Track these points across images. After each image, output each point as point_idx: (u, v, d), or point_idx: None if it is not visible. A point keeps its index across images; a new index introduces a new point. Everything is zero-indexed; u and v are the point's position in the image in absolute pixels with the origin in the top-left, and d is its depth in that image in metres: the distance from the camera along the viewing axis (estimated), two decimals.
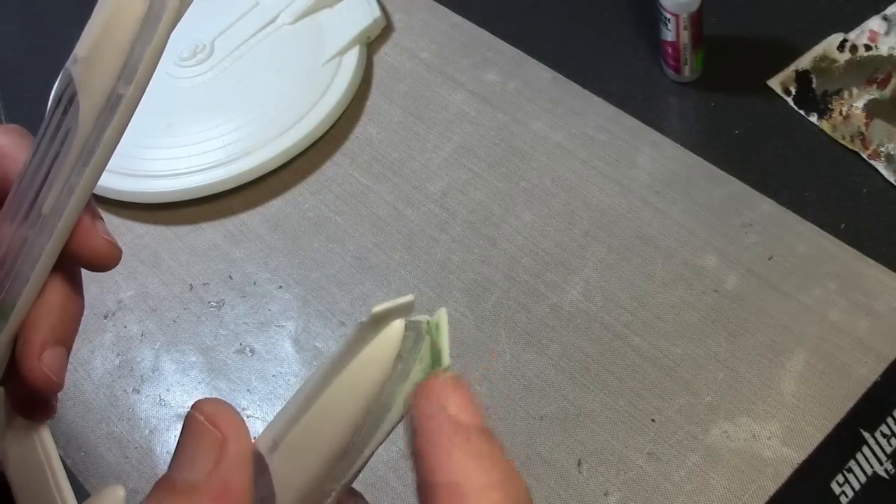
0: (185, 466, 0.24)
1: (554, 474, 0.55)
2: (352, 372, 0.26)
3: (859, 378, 0.56)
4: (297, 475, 0.26)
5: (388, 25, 0.81)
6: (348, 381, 0.26)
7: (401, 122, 0.74)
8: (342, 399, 0.26)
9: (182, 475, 0.24)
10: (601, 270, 0.63)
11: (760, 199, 0.64)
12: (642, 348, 0.59)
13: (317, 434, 0.26)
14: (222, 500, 0.24)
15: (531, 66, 0.75)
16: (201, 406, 0.25)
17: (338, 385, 0.26)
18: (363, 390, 0.26)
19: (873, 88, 0.68)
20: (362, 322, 0.26)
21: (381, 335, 0.26)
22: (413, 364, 0.26)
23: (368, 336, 0.26)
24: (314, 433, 0.26)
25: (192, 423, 0.25)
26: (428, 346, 0.27)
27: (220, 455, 0.24)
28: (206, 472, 0.24)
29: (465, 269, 0.65)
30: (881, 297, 0.59)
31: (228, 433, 0.25)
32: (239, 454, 0.25)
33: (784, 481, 0.53)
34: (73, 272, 0.31)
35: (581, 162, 0.69)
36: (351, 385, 0.26)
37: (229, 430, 0.25)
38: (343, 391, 0.26)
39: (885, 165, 0.65)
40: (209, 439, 0.25)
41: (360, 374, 0.26)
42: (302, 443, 0.26)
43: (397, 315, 0.26)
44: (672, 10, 0.67)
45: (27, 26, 0.91)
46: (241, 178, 0.72)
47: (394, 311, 0.26)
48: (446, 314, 0.27)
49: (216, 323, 0.66)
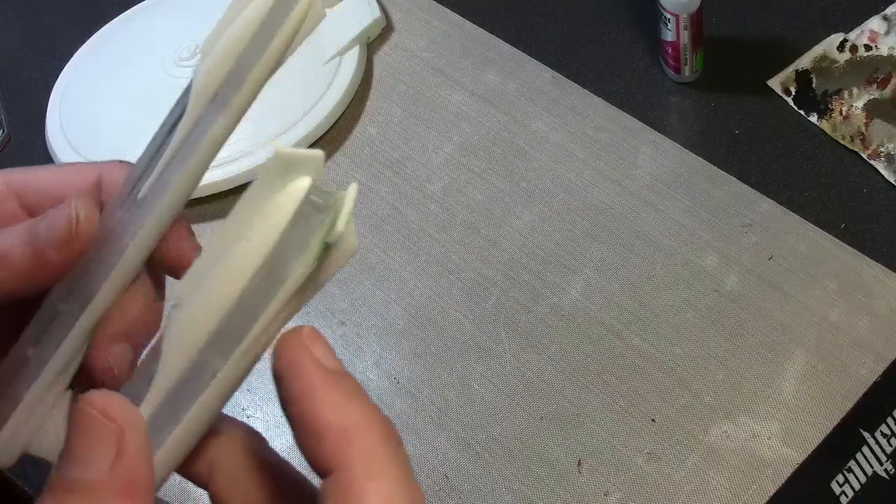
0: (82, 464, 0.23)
1: (554, 474, 0.55)
2: (250, 224, 0.25)
3: (859, 378, 0.56)
4: (184, 339, 0.25)
5: (388, 25, 0.81)
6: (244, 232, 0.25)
7: (401, 122, 0.74)
8: (234, 256, 0.25)
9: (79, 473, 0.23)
10: (601, 270, 0.63)
11: (760, 199, 0.64)
12: (642, 348, 0.59)
13: (208, 288, 0.25)
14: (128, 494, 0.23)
15: (531, 66, 0.75)
16: (91, 399, 0.24)
17: (235, 237, 0.25)
18: (257, 244, 0.25)
19: (873, 88, 0.68)
20: (266, 161, 0.25)
21: (284, 189, 0.25)
22: (314, 234, 0.25)
23: (272, 186, 0.25)
24: (206, 287, 0.25)
25: (83, 418, 0.24)
26: (330, 218, 0.26)
27: (120, 448, 0.24)
28: (105, 468, 0.23)
29: (465, 269, 0.65)
30: (881, 297, 0.59)
31: (125, 425, 0.24)
32: (138, 445, 0.24)
33: (784, 481, 0.53)
34: (160, 282, 0.31)
35: (581, 162, 0.69)
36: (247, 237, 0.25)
37: (125, 421, 0.24)
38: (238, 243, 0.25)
39: (885, 165, 0.65)
40: (105, 433, 0.24)
41: (258, 227, 0.25)
42: (194, 297, 0.25)
43: (305, 169, 0.25)
44: (672, 10, 0.67)
45: (27, 26, 0.91)
46: (241, 178, 0.72)
47: (300, 161, 0.25)
48: (356, 188, 0.26)
49: None
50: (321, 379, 0.25)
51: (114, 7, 0.86)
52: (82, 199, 0.28)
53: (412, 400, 0.60)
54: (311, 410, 0.24)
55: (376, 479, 0.24)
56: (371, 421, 0.24)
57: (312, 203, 0.25)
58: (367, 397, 0.25)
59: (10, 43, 0.90)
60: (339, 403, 0.24)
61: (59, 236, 0.27)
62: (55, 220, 0.28)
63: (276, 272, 0.25)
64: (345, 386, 0.25)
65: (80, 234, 0.27)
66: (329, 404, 0.24)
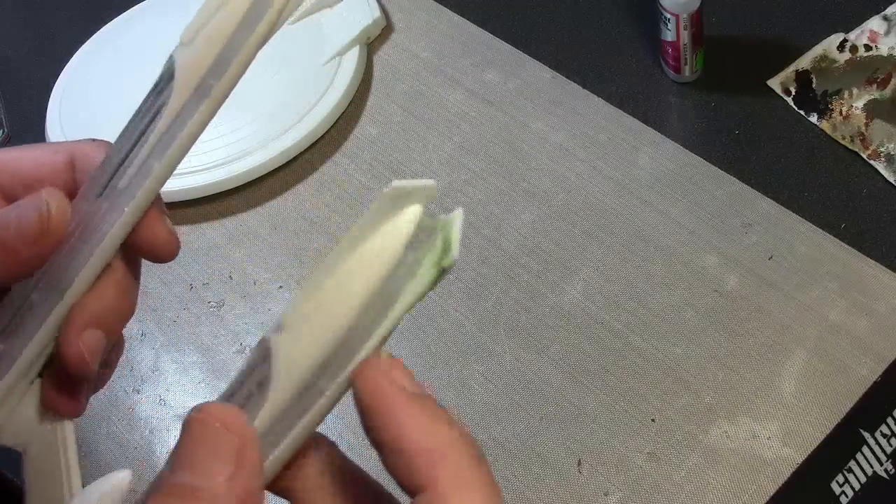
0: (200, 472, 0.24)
1: (554, 474, 0.55)
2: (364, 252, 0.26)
3: (859, 378, 0.56)
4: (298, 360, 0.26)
5: (388, 25, 0.81)
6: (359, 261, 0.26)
7: (401, 121, 0.74)
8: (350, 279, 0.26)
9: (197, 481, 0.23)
10: (601, 270, 0.63)
11: (760, 199, 0.64)
12: (642, 348, 0.59)
13: (321, 314, 0.26)
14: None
15: (531, 66, 0.75)
16: (211, 410, 0.25)
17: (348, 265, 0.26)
18: (372, 272, 0.26)
19: (873, 88, 0.68)
20: (381, 193, 0.26)
21: (396, 217, 0.26)
22: (424, 257, 0.26)
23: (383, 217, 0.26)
24: (318, 314, 0.26)
25: (203, 428, 0.24)
26: (440, 242, 0.26)
27: (240, 461, 0.24)
28: (224, 480, 0.24)
29: (465, 269, 0.65)
30: (881, 297, 0.59)
31: (245, 438, 0.24)
32: (254, 459, 0.24)
33: (784, 481, 0.53)
34: (135, 267, 0.31)
35: (581, 162, 0.69)
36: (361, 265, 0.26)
37: (245, 435, 0.24)
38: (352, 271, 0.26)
39: (885, 165, 0.65)
40: (226, 444, 0.24)
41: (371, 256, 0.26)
42: (305, 323, 0.26)
43: (416, 198, 0.26)
44: (672, 10, 0.67)
45: (27, 26, 0.91)
46: (241, 178, 0.72)
47: (413, 192, 0.26)
48: (462, 213, 0.26)
49: (216, 323, 0.66)
50: (404, 404, 0.25)
51: (114, 7, 0.86)
52: (53, 192, 0.28)
53: None
54: (398, 435, 0.24)
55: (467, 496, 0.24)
56: (458, 441, 0.25)
57: (422, 227, 0.26)
58: (451, 417, 0.25)
59: (10, 43, 0.90)
60: (426, 426, 0.25)
61: (30, 232, 0.27)
62: (25, 215, 0.27)
63: (387, 296, 0.26)
64: (429, 408, 0.25)
65: (52, 230, 0.27)
66: (415, 427, 0.25)
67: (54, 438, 0.31)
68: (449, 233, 0.26)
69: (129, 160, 0.29)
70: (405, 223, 0.26)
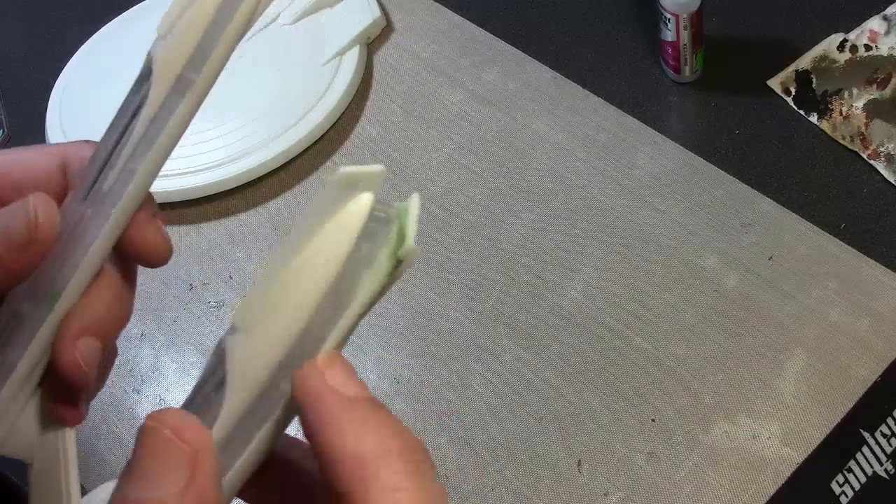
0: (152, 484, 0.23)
1: (554, 474, 0.55)
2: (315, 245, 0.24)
3: (859, 378, 0.56)
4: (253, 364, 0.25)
5: (388, 25, 0.81)
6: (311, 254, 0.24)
7: (401, 122, 0.74)
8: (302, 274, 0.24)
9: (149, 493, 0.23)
10: (601, 270, 0.63)
11: (760, 199, 0.64)
12: (642, 348, 0.59)
13: (274, 314, 0.24)
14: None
15: (531, 66, 0.75)
16: (163, 418, 0.24)
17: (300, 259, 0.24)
18: (326, 265, 0.24)
19: (873, 88, 0.68)
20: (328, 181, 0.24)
21: (347, 207, 0.24)
22: (380, 248, 0.25)
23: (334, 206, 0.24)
24: (272, 313, 0.24)
25: (155, 437, 0.23)
26: (395, 230, 0.25)
27: (194, 470, 0.23)
28: (177, 491, 0.23)
29: (465, 269, 0.65)
30: (881, 297, 0.59)
31: (199, 446, 0.23)
32: (210, 469, 0.23)
33: (784, 481, 0.53)
34: (129, 272, 0.30)
35: (581, 162, 0.69)
36: (314, 258, 0.24)
37: (199, 442, 0.23)
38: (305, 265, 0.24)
39: (885, 165, 0.65)
40: (178, 454, 0.23)
41: (324, 248, 0.24)
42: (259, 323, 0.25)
43: (366, 186, 0.25)
44: (672, 10, 0.67)
45: (27, 26, 0.91)
46: (241, 178, 0.72)
47: (362, 178, 0.24)
48: (418, 199, 0.25)
49: (216, 323, 0.66)
50: (336, 409, 0.24)
51: (114, 7, 0.86)
52: (41, 197, 0.27)
53: (412, 400, 0.60)
54: (328, 442, 0.24)
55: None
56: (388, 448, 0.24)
57: (376, 217, 0.25)
58: (390, 425, 0.24)
59: (10, 43, 0.90)
60: (356, 433, 0.24)
61: (18, 240, 0.26)
62: (13, 222, 0.26)
63: (344, 290, 0.25)
64: (361, 413, 0.24)
65: (40, 238, 0.26)
66: (345, 435, 0.24)
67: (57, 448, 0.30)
68: (404, 220, 0.25)
69: (112, 160, 0.28)
70: (356, 213, 0.24)
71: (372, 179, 0.25)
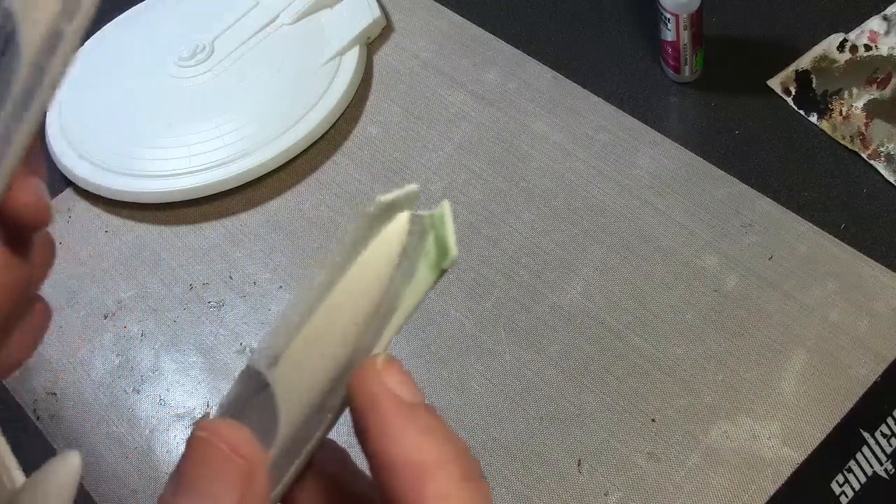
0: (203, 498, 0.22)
1: (554, 474, 0.55)
2: (357, 271, 0.24)
3: (859, 378, 0.56)
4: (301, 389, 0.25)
5: (388, 25, 0.81)
6: (353, 281, 0.24)
7: (401, 122, 0.74)
8: (347, 301, 0.24)
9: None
10: (601, 270, 0.63)
11: (760, 199, 0.64)
12: (642, 348, 0.59)
13: (322, 340, 0.25)
14: None
15: (531, 66, 0.75)
16: (217, 430, 0.23)
17: (342, 286, 0.24)
18: (369, 290, 0.24)
19: (873, 88, 0.68)
20: (366, 211, 0.25)
21: (385, 230, 0.25)
22: (418, 260, 0.25)
23: (372, 231, 0.25)
24: (319, 340, 0.25)
25: (209, 450, 0.23)
26: (432, 240, 0.25)
27: (248, 487, 0.23)
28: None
29: (465, 269, 0.65)
30: (881, 297, 0.59)
31: (254, 462, 0.23)
32: (263, 485, 0.23)
33: (784, 481, 0.53)
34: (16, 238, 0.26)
35: (581, 162, 0.69)
36: (356, 285, 0.24)
37: (254, 458, 0.23)
38: (348, 292, 0.24)
39: (885, 165, 0.65)
40: (233, 469, 0.23)
41: (366, 273, 0.24)
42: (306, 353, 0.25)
43: (402, 207, 0.25)
44: (672, 10, 0.67)
45: None
46: (241, 178, 0.72)
47: (399, 202, 0.25)
48: (449, 206, 0.25)
49: (216, 323, 0.66)
50: (395, 414, 0.24)
51: (114, 7, 0.86)
52: None
53: None
54: (385, 447, 0.24)
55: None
56: (447, 458, 0.24)
57: (412, 232, 0.25)
58: (445, 431, 0.24)
59: None
60: (414, 439, 0.24)
61: None
62: None
63: (387, 306, 0.25)
64: (420, 420, 0.24)
65: None
66: (404, 440, 0.24)
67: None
68: (442, 230, 0.25)
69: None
70: (395, 234, 0.25)
71: (407, 200, 0.25)
